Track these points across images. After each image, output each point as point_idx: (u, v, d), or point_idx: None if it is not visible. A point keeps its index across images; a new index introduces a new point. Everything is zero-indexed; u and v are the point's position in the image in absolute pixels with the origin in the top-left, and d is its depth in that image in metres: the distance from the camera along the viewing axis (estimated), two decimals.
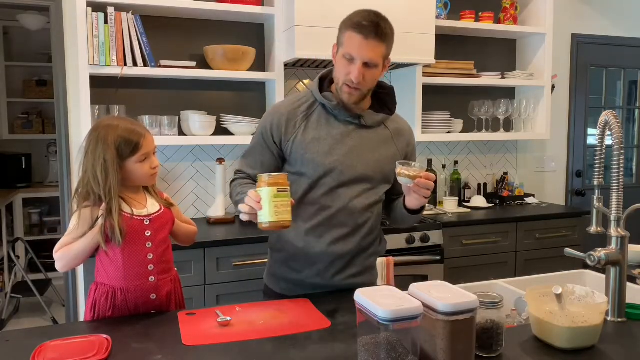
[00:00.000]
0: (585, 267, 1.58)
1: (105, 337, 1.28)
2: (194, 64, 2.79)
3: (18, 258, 4.12)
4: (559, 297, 1.24)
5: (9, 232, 4.46)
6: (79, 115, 2.67)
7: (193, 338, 1.30)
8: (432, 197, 3.38)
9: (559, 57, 3.84)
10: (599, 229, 1.44)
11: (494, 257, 3.09)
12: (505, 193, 3.56)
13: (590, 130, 4.08)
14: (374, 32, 1.52)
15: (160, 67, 2.69)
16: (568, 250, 1.47)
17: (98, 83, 2.67)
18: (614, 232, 1.40)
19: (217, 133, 2.89)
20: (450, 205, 3.32)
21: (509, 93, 3.70)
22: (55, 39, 2.79)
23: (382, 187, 1.71)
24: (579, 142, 4.06)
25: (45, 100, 4.81)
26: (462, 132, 3.48)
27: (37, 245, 4.49)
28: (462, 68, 3.32)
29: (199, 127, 2.78)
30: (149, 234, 1.55)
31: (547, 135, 3.52)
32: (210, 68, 2.84)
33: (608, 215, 1.41)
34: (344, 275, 1.69)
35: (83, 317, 1.70)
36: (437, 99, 3.44)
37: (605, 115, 1.39)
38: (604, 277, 1.42)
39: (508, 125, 3.57)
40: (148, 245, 1.55)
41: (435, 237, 2.85)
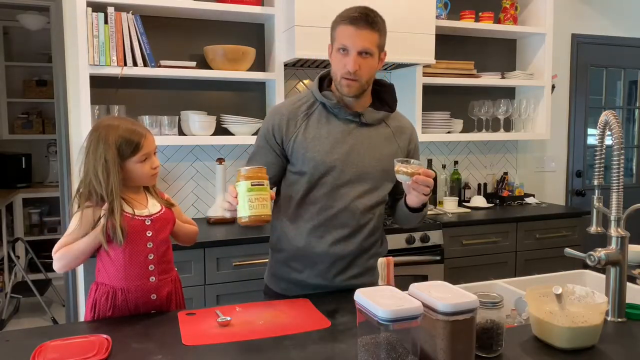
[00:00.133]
0: (585, 267, 1.58)
1: (105, 337, 1.28)
2: (194, 64, 2.79)
3: (18, 258, 4.12)
4: (559, 297, 1.24)
5: (9, 232, 4.46)
6: (79, 115, 2.67)
7: (193, 338, 1.30)
8: (432, 197, 3.38)
9: (559, 57, 3.85)
10: (599, 229, 1.44)
11: (494, 257, 3.09)
12: (505, 193, 3.56)
13: (590, 130, 4.08)
14: (365, 20, 1.55)
15: (160, 67, 2.70)
16: (568, 250, 1.47)
17: (98, 83, 2.67)
18: (614, 232, 1.40)
19: (217, 133, 2.89)
20: (450, 205, 3.32)
21: (509, 93, 3.70)
22: (55, 39, 2.79)
23: (384, 186, 1.71)
24: (579, 142, 4.06)
25: (45, 100, 4.81)
26: (462, 132, 3.48)
27: (37, 245, 4.49)
28: (462, 68, 3.32)
29: (199, 127, 2.78)
30: (150, 234, 1.55)
31: (547, 135, 3.53)
32: (210, 68, 2.84)
33: (608, 215, 1.41)
34: (345, 276, 1.69)
35: (83, 317, 1.70)
36: (437, 99, 3.44)
37: (605, 115, 1.39)
38: (604, 277, 1.42)
39: (508, 125, 3.57)
40: (149, 246, 1.55)
41: (435, 237, 2.85)
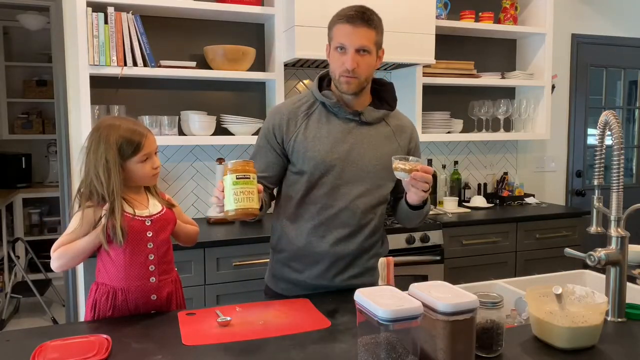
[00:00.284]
0: (585, 267, 1.58)
1: (105, 337, 1.28)
2: (194, 64, 2.79)
3: (18, 258, 4.12)
4: (559, 297, 1.24)
5: (9, 232, 4.46)
6: (79, 115, 2.67)
7: (193, 338, 1.30)
8: (432, 197, 3.38)
9: (559, 57, 3.84)
10: (599, 229, 1.44)
11: (494, 257, 3.09)
12: (505, 193, 3.56)
13: (590, 130, 4.08)
14: (361, 18, 1.56)
15: (160, 67, 2.70)
16: (568, 250, 1.47)
17: (98, 83, 2.67)
18: (614, 232, 1.40)
19: (217, 133, 2.89)
20: (450, 205, 3.32)
21: (509, 93, 3.70)
22: (55, 39, 2.79)
23: (385, 186, 1.71)
24: (579, 142, 4.06)
25: (45, 100, 4.81)
26: (462, 132, 3.48)
27: (37, 245, 4.49)
28: (462, 68, 3.32)
29: (199, 127, 2.78)
30: (150, 235, 1.55)
31: (547, 135, 3.53)
32: (210, 68, 2.84)
33: (608, 215, 1.41)
34: (345, 276, 1.69)
35: (83, 317, 1.70)
36: (437, 99, 3.44)
37: (605, 115, 1.39)
38: (604, 277, 1.42)
39: (508, 125, 3.57)
40: (149, 246, 1.55)
41: (435, 237, 2.85)
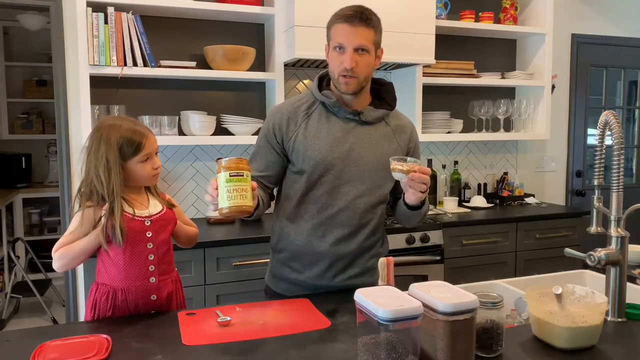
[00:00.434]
0: (585, 267, 1.58)
1: (105, 337, 1.28)
2: (194, 64, 2.79)
3: (18, 258, 4.12)
4: (559, 297, 1.24)
5: (9, 232, 4.46)
6: (79, 115, 2.67)
7: (193, 338, 1.30)
8: (432, 197, 3.38)
9: (559, 57, 3.84)
10: (599, 229, 1.44)
11: (494, 257, 3.09)
12: (505, 193, 3.56)
13: (590, 130, 4.08)
14: (359, 18, 1.57)
15: (160, 67, 2.69)
16: (568, 250, 1.47)
17: (98, 83, 2.67)
18: (614, 232, 1.40)
19: (217, 133, 2.89)
20: (450, 205, 3.32)
21: (509, 93, 3.70)
22: (55, 39, 2.79)
23: (385, 185, 1.71)
24: (579, 142, 4.06)
25: (45, 100, 4.81)
26: (462, 132, 3.48)
27: (37, 245, 4.49)
28: (462, 68, 3.32)
29: (199, 127, 2.78)
30: (150, 235, 1.55)
31: (547, 135, 3.52)
32: (210, 68, 2.84)
33: (608, 215, 1.41)
34: (345, 276, 1.69)
35: (83, 317, 1.70)
36: (437, 99, 3.44)
37: (605, 115, 1.39)
38: (604, 277, 1.42)
39: (508, 125, 3.57)
40: (149, 246, 1.55)
41: (435, 237, 2.85)
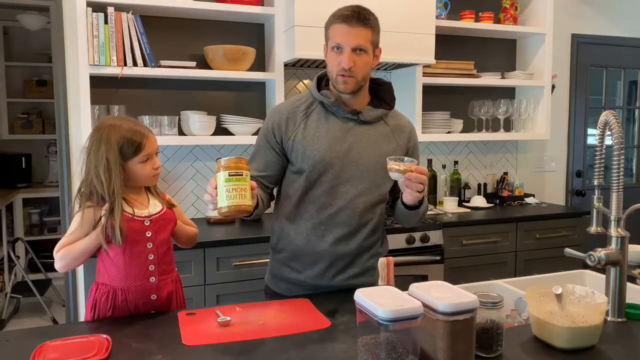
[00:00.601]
0: (585, 267, 1.58)
1: (105, 337, 1.28)
2: (194, 64, 2.79)
3: (18, 258, 4.12)
4: (559, 297, 1.24)
5: (9, 232, 4.46)
6: (79, 115, 2.67)
7: (193, 338, 1.30)
8: (432, 197, 3.38)
9: (559, 57, 3.84)
10: (599, 229, 1.44)
11: (494, 257, 3.09)
12: (505, 193, 3.56)
13: (590, 130, 4.08)
14: (357, 18, 1.57)
15: (160, 67, 2.69)
16: (568, 250, 1.47)
17: (98, 83, 2.67)
18: (614, 232, 1.40)
19: (217, 133, 2.89)
20: (450, 205, 3.32)
21: (509, 93, 3.70)
22: (55, 39, 2.79)
23: (384, 185, 1.71)
24: (579, 142, 4.05)
25: (45, 100, 4.81)
26: (462, 132, 3.48)
27: (37, 245, 4.49)
28: (462, 68, 3.32)
29: (199, 127, 2.78)
30: (150, 235, 1.55)
31: (547, 135, 3.52)
32: (210, 68, 2.84)
33: (608, 215, 1.41)
34: (345, 276, 1.69)
35: (83, 317, 1.70)
36: (437, 99, 3.44)
37: (605, 115, 1.39)
38: (604, 277, 1.42)
39: (508, 125, 3.57)
40: (149, 246, 1.55)
41: (435, 237, 2.85)
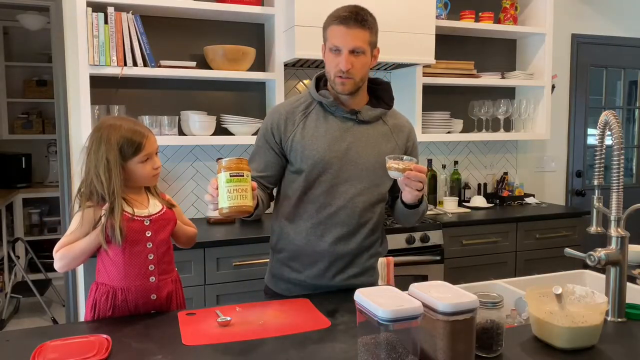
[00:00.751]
0: (585, 267, 1.58)
1: (105, 337, 1.28)
2: (194, 64, 2.79)
3: (18, 258, 4.12)
4: (559, 297, 1.24)
5: (9, 232, 4.46)
6: (79, 115, 2.67)
7: (193, 338, 1.30)
8: (432, 197, 3.38)
9: (559, 57, 3.84)
10: (599, 229, 1.44)
11: (494, 257, 3.09)
12: (505, 193, 3.56)
13: (590, 130, 4.08)
14: (354, 19, 1.57)
15: (160, 67, 2.69)
16: (568, 250, 1.47)
17: (98, 83, 2.67)
18: (614, 232, 1.40)
19: (217, 133, 2.89)
20: (450, 205, 3.32)
21: (509, 93, 3.70)
22: (55, 39, 2.79)
23: (383, 184, 1.71)
24: (579, 142, 4.05)
25: (45, 100, 4.81)
26: (462, 132, 3.48)
27: (37, 245, 4.49)
28: (462, 68, 3.32)
29: (199, 127, 2.78)
30: (150, 235, 1.55)
31: (547, 135, 3.52)
32: (210, 68, 2.84)
33: (608, 215, 1.41)
34: (345, 276, 1.69)
35: (83, 317, 1.70)
36: (437, 99, 3.44)
37: (605, 115, 1.39)
38: (604, 277, 1.42)
39: (508, 125, 3.57)
40: (149, 246, 1.55)
41: (435, 237, 2.85)
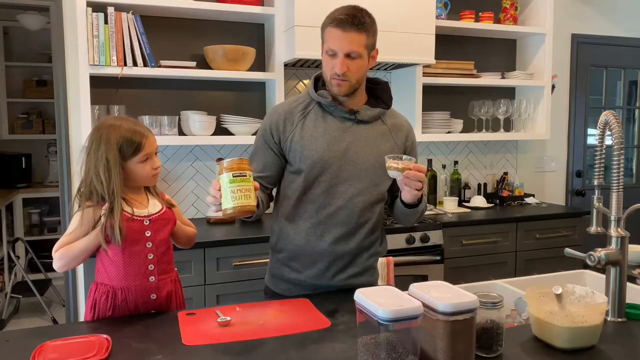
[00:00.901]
0: (585, 267, 1.58)
1: (105, 337, 1.28)
2: (194, 64, 2.79)
3: (18, 258, 4.12)
4: (559, 297, 1.24)
5: (9, 232, 4.46)
6: (79, 115, 2.67)
7: (193, 338, 1.30)
8: (432, 197, 3.38)
9: (559, 57, 3.84)
10: (599, 229, 1.44)
11: (494, 257, 3.09)
12: (505, 193, 3.56)
13: (590, 130, 4.08)
14: (351, 23, 1.55)
15: (160, 67, 2.69)
16: (568, 250, 1.47)
17: (98, 83, 2.67)
18: (614, 232, 1.40)
19: (217, 133, 2.89)
20: (450, 205, 3.32)
21: (509, 93, 3.70)
22: (55, 39, 2.79)
23: (383, 184, 1.71)
24: (579, 142, 4.05)
25: (45, 100, 4.81)
26: (462, 132, 3.48)
27: (37, 245, 4.49)
28: (462, 68, 3.32)
29: (199, 127, 2.78)
30: (149, 234, 1.55)
31: (547, 135, 3.52)
32: (210, 68, 2.84)
33: (608, 215, 1.41)
34: (345, 275, 1.69)
35: (83, 317, 1.70)
36: (437, 99, 3.44)
37: (605, 115, 1.39)
38: (604, 277, 1.42)
39: (508, 125, 3.57)
40: (148, 246, 1.55)
41: (435, 237, 2.85)
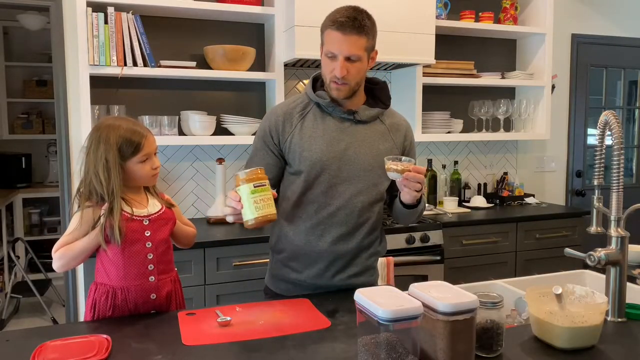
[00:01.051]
0: (585, 267, 1.58)
1: (105, 337, 1.28)
2: (194, 64, 2.79)
3: (18, 258, 4.12)
4: (559, 297, 1.24)
5: (9, 232, 4.46)
6: (79, 115, 2.67)
7: (193, 338, 1.30)
8: (432, 197, 3.38)
9: (559, 57, 3.84)
10: (599, 229, 1.44)
11: (494, 257, 3.09)
12: (505, 193, 3.56)
13: (590, 130, 4.08)
14: (351, 26, 1.54)
15: (160, 67, 2.69)
16: (568, 250, 1.47)
17: (98, 83, 2.67)
18: (614, 232, 1.40)
19: (217, 133, 2.90)
20: (450, 205, 3.32)
21: (509, 93, 3.70)
22: (55, 39, 2.79)
23: (382, 183, 1.71)
24: (579, 142, 4.05)
25: (45, 100, 4.81)
26: (462, 132, 3.48)
27: (37, 245, 4.49)
28: (462, 68, 3.32)
29: (199, 127, 2.78)
30: (149, 234, 1.55)
31: (547, 135, 3.52)
32: (210, 68, 2.84)
33: (608, 215, 1.41)
34: (345, 275, 1.69)
35: (83, 317, 1.70)
36: (437, 99, 3.44)
37: (605, 115, 1.39)
38: (604, 277, 1.42)
39: (508, 125, 3.57)
40: (148, 245, 1.55)
41: (435, 237, 2.85)
